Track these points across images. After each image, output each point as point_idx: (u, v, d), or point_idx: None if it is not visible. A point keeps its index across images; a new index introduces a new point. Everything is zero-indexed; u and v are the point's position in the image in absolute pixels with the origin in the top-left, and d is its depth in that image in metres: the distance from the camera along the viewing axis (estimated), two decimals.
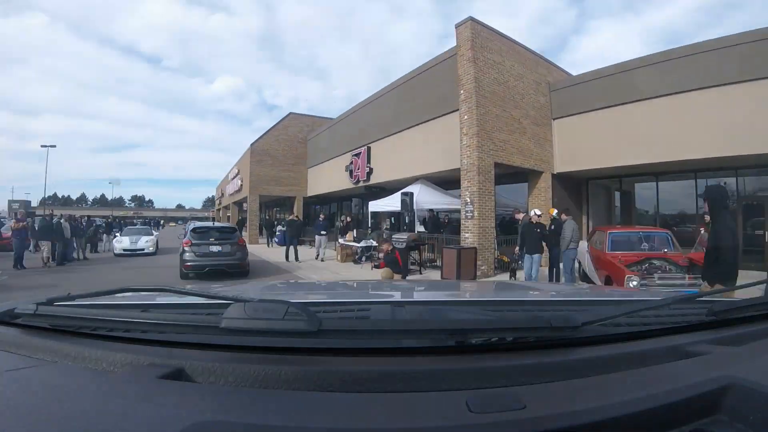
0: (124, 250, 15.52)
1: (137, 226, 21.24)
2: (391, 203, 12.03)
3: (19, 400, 0.53)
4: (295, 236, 13.12)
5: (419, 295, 1.47)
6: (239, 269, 9.50)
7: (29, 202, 60.07)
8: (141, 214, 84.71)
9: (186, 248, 9.45)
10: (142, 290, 1.07)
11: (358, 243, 12.63)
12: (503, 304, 1.02)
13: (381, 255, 8.84)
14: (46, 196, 45.24)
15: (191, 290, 0.88)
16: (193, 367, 0.64)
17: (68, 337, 0.75)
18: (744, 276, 2.97)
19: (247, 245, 11.41)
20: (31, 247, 13.38)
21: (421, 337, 0.71)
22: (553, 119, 11.72)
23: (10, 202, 57.75)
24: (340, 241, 13.46)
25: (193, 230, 9.97)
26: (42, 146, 34.84)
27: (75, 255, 13.93)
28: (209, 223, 13.58)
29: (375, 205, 13.04)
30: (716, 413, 0.52)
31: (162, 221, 63.43)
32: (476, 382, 0.60)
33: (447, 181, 12.35)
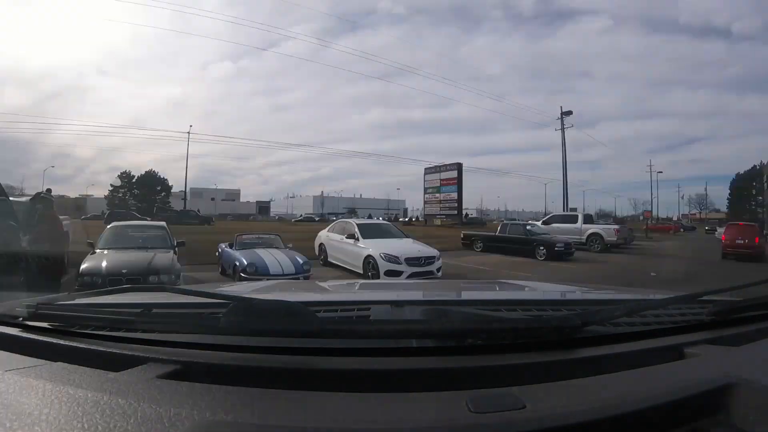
0: None
1: None
2: None
3: (19, 400, 0.53)
4: None
5: (419, 295, 1.47)
6: None
7: None
8: None
9: None
10: (142, 290, 1.07)
11: None
12: (503, 304, 1.01)
13: None
14: None
15: (191, 290, 0.88)
16: (194, 367, 0.64)
17: (68, 337, 0.75)
18: None
19: None
20: None
21: (421, 337, 0.71)
22: None
23: None
24: None
25: None
26: None
27: None
28: None
29: None
30: (716, 413, 0.52)
31: None
32: (476, 382, 0.60)
33: None
